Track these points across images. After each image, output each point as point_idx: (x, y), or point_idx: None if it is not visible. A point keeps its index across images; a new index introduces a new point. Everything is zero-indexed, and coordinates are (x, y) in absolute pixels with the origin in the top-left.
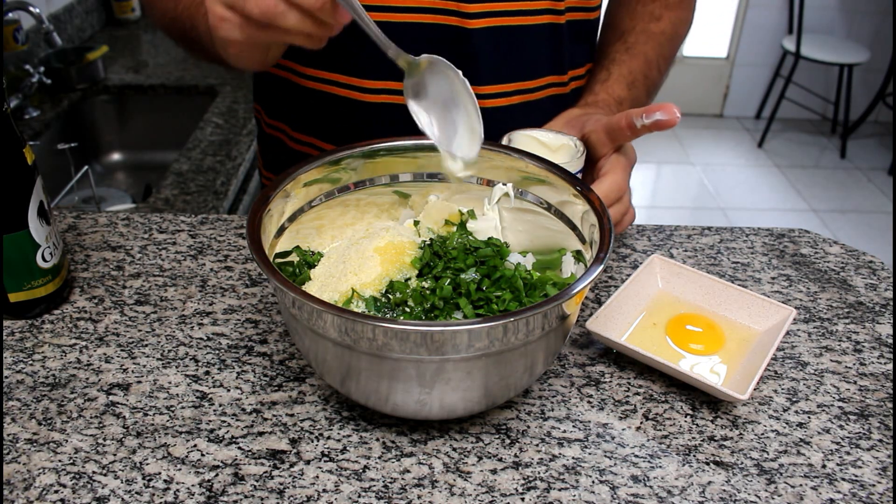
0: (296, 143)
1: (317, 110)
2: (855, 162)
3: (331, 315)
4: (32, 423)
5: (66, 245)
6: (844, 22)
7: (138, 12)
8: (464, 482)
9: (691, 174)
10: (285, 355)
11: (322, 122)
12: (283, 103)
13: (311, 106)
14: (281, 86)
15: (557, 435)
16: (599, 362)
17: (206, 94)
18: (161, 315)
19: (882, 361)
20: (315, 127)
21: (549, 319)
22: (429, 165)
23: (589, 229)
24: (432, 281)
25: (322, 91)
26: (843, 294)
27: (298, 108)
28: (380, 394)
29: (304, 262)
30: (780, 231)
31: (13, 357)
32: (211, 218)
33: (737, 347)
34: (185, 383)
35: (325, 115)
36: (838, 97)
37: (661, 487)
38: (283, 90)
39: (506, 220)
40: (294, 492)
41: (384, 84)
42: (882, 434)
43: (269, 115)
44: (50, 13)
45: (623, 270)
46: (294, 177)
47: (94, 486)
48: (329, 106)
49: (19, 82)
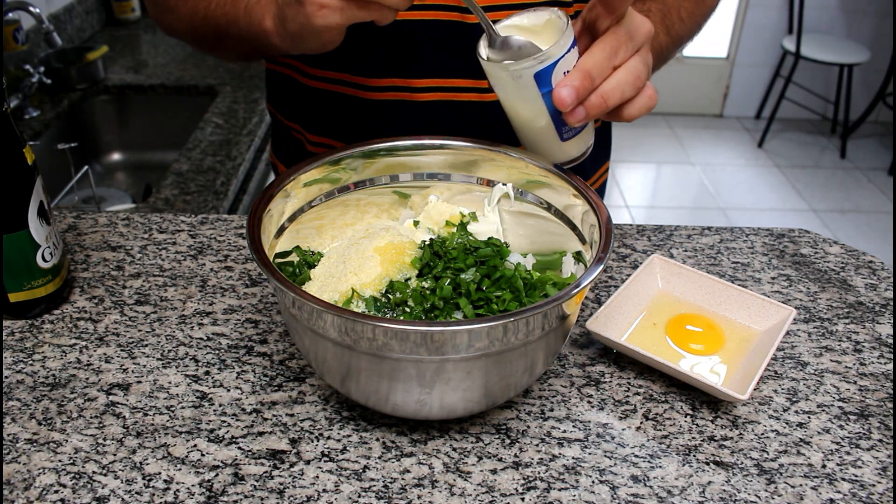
0: (312, 146)
1: (326, 110)
2: (855, 162)
3: (331, 315)
4: (32, 423)
5: (66, 245)
6: (844, 22)
7: (138, 12)
8: (464, 482)
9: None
10: (285, 355)
11: (332, 122)
12: (295, 106)
13: (320, 106)
14: (290, 88)
15: (557, 435)
16: (599, 362)
17: (206, 94)
18: (161, 315)
19: (882, 361)
20: (326, 127)
21: (549, 319)
22: (429, 165)
23: (589, 229)
24: (432, 281)
25: (329, 91)
26: (843, 294)
27: (309, 110)
28: (380, 394)
29: (304, 262)
30: (780, 231)
31: (13, 357)
32: (211, 218)
33: (737, 347)
34: (185, 383)
35: (334, 115)
36: (838, 97)
37: (661, 487)
38: (292, 92)
39: (507, 223)
40: (294, 492)
41: (389, 81)
42: (882, 434)
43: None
44: (50, 13)
45: (623, 270)
46: (294, 177)
47: (94, 486)
48: (337, 105)
49: (19, 82)
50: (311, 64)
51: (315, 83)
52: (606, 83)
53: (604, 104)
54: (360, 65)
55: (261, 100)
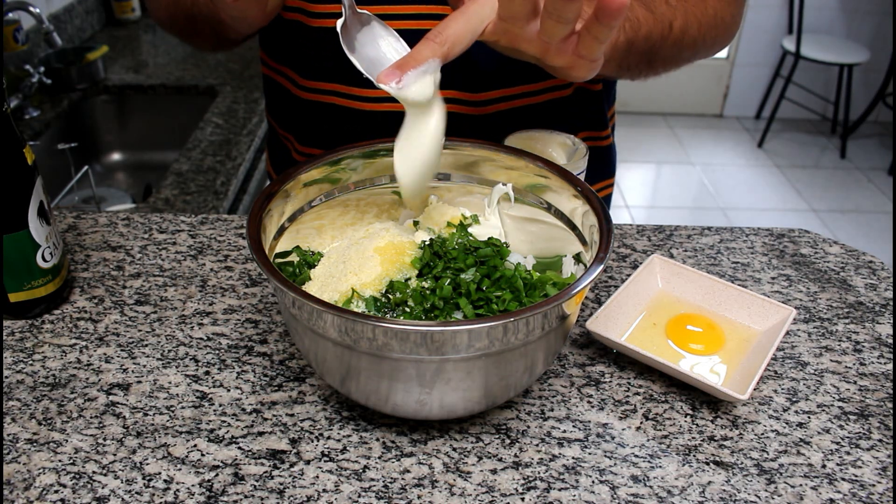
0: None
1: (318, 122)
2: (855, 162)
3: (331, 315)
4: (32, 423)
5: (66, 245)
6: (844, 22)
7: (138, 12)
8: (464, 482)
9: (691, 174)
10: (285, 355)
11: (324, 134)
12: (288, 115)
13: (312, 118)
14: (284, 97)
15: (557, 435)
16: (599, 362)
17: (206, 94)
18: (161, 315)
19: (882, 361)
20: (318, 138)
21: (549, 319)
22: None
23: (589, 230)
24: (432, 281)
25: (323, 102)
26: (843, 294)
27: (301, 120)
28: (380, 394)
29: (304, 262)
30: (780, 231)
31: (13, 357)
32: (211, 218)
33: (737, 347)
34: (185, 383)
35: (327, 127)
36: (838, 97)
37: (661, 487)
38: (285, 102)
39: (508, 227)
40: (294, 492)
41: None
42: (882, 434)
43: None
44: (50, 13)
45: (623, 270)
46: (294, 177)
47: (94, 486)
48: (329, 117)
49: (19, 82)
50: (304, 75)
51: (308, 95)
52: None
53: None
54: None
55: (261, 100)
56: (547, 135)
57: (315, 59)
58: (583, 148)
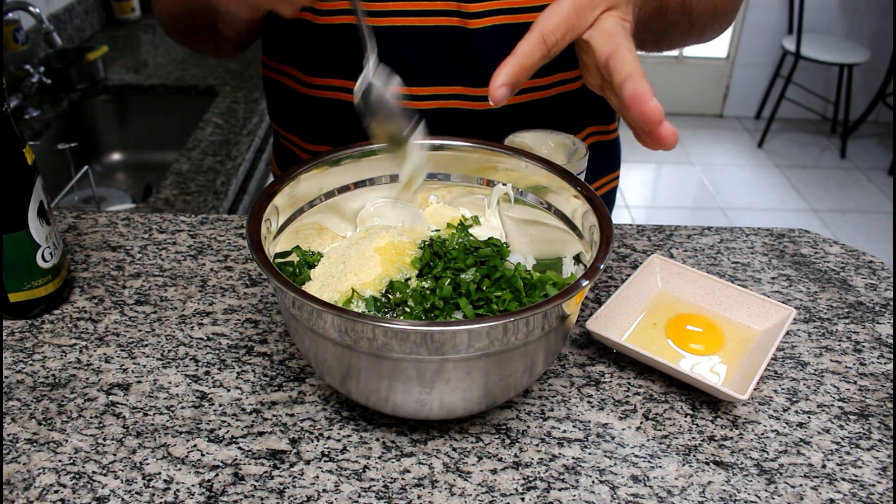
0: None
1: (323, 119)
2: (855, 162)
3: (331, 315)
4: (32, 423)
5: (66, 245)
6: (844, 22)
7: (138, 12)
8: (464, 482)
9: (691, 174)
10: (285, 355)
11: (330, 131)
12: (292, 115)
13: (317, 115)
14: (287, 96)
15: (557, 435)
16: (599, 362)
17: (206, 94)
18: (161, 315)
19: (882, 361)
20: (324, 136)
21: (549, 319)
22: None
23: (589, 230)
24: (432, 281)
25: (330, 99)
26: (843, 294)
27: (306, 118)
28: (380, 394)
29: (304, 262)
30: (780, 231)
31: (13, 357)
32: (211, 218)
33: (737, 347)
34: (185, 383)
35: (332, 123)
36: (838, 97)
37: (661, 487)
38: (289, 101)
39: (508, 229)
40: (294, 492)
41: None
42: (882, 434)
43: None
44: (50, 13)
45: (623, 270)
46: (294, 177)
47: (94, 486)
48: (335, 113)
49: (19, 82)
50: (309, 72)
51: (313, 91)
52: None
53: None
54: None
55: (261, 100)
56: (547, 135)
57: (321, 56)
58: (583, 148)
